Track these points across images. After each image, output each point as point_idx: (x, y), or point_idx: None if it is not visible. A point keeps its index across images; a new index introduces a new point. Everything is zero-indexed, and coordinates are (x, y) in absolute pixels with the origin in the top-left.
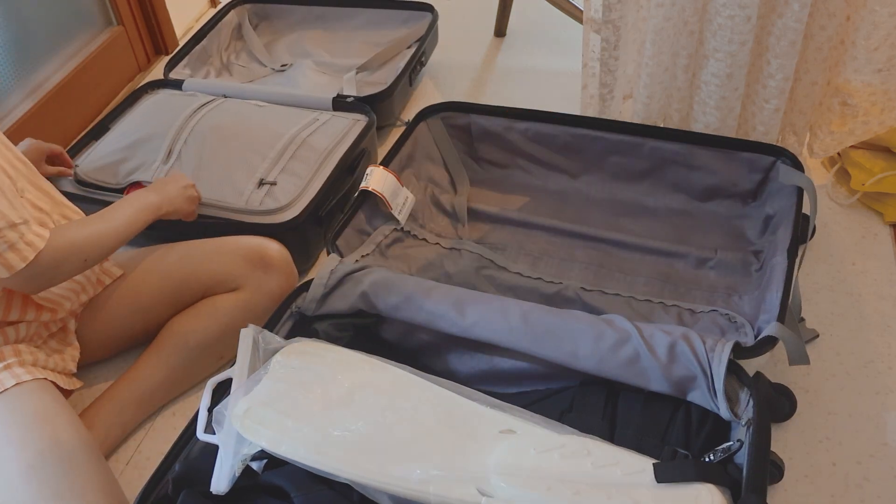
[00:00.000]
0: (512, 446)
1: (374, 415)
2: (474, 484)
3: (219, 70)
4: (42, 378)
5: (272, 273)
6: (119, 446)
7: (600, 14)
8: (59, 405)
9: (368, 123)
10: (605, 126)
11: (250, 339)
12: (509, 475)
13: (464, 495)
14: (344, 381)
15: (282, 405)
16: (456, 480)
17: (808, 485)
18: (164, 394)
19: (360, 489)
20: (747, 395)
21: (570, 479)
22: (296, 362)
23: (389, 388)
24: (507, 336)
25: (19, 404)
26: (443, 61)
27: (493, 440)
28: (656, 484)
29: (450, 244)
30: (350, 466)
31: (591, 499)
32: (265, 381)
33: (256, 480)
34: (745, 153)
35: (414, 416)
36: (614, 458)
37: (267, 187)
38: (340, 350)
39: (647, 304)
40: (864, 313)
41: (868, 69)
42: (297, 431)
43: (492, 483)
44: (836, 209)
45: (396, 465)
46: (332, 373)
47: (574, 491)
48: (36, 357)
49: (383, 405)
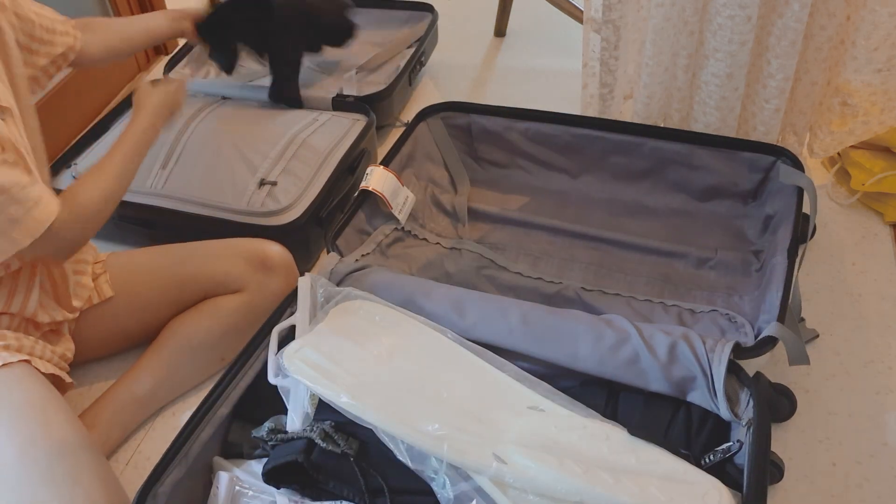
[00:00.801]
0: (535, 421)
1: (408, 373)
2: (492, 449)
3: (218, 70)
4: (27, 360)
5: (273, 275)
6: (119, 447)
7: (600, 14)
8: (48, 391)
9: (368, 123)
10: (605, 126)
11: (308, 285)
12: (525, 445)
13: (480, 457)
14: (387, 339)
15: (328, 350)
16: (474, 443)
17: (808, 485)
18: (164, 394)
19: (380, 434)
20: (747, 396)
21: (584, 458)
22: (349, 316)
23: (429, 350)
24: (507, 337)
25: (6, 389)
26: (443, 61)
27: (518, 414)
28: (667, 477)
29: (450, 244)
30: (375, 412)
31: (598, 478)
32: (319, 327)
33: None
34: (745, 153)
35: (446, 379)
36: (632, 447)
37: (268, 188)
38: (389, 310)
39: (648, 304)
40: (864, 313)
41: (868, 69)
42: (336, 375)
43: (508, 451)
44: (836, 209)
45: (418, 419)
46: (379, 330)
47: (584, 469)
48: (22, 343)
49: (419, 366)
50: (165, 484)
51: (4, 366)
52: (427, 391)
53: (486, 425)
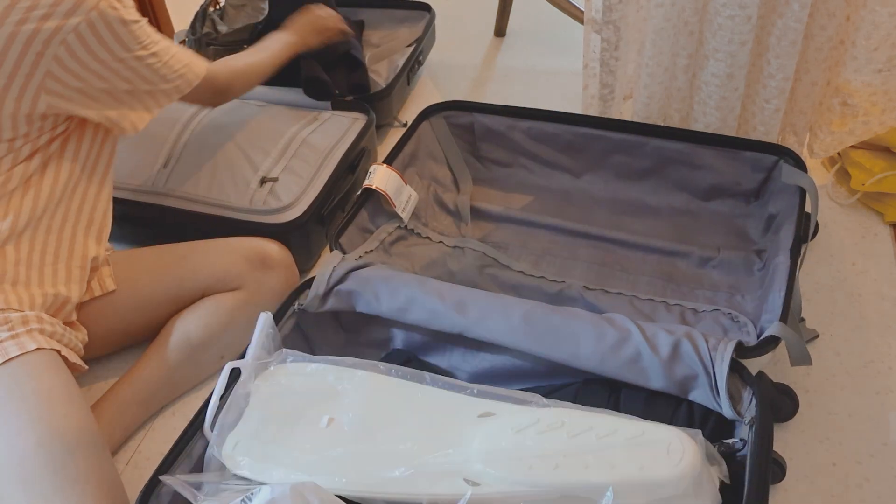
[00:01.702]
0: (491, 430)
1: (355, 428)
2: (460, 474)
3: None
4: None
5: (273, 273)
6: (121, 447)
7: (601, 14)
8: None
9: (368, 122)
10: (607, 125)
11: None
12: (491, 460)
13: (451, 487)
14: (323, 401)
15: (266, 434)
16: (442, 474)
17: (809, 485)
18: (166, 394)
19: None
20: (750, 394)
21: (549, 453)
22: (275, 388)
23: (368, 396)
24: (509, 336)
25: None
26: (442, 61)
27: (473, 426)
28: (630, 443)
29: (453, 242)
30: (340, 483)
31: (570, 469)
32: (248, 412)
33: None
34: (747, 152)
35: (395, 418)
36: (588, 424)
37: (270, 185)
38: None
39: (650, 303)
40: (864, 313)
41: (868, 69)
42: (285, 458)
43: (476, 470)
44: (836, 209)
45: (383, 471)
46: (312, 394)
47: (553, 465)
48: (55, 329)
49: (364, 415)
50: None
51: (38, 350)
52: (379, 439)
53: (447, 450)
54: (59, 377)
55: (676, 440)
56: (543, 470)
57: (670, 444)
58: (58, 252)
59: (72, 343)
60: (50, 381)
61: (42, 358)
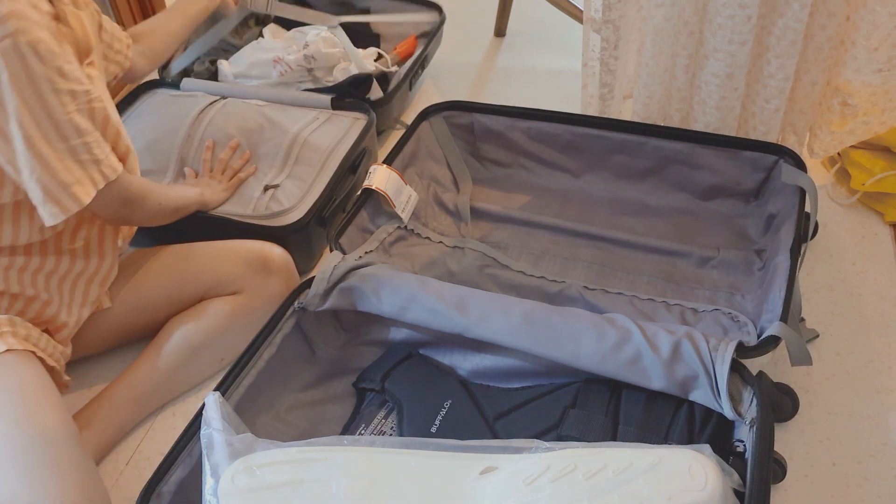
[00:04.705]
0: (499, 486)
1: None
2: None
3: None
4: (31, 351)
5: (273, 277)
6: (117, 446)
7: (600, 14)
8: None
9: (368, 122)
10: (607, 125)
11: None
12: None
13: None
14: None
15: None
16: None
17: (808, 485)
18: (163, 394)
19: None
20: (751, 394)
21: (570, 500)
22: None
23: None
24: (509, 335)
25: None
26: (443, 61)
27: (478, 484)
28: (647, 472)
29: (453, 242)
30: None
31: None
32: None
33: None
34: (747, 152)
35: (394, 493)
36: (601, 462)
37: (272, 191)
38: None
39: (650, 303)
40: (864, 313)
41: (868, 69)
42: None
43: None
44: (836, 209)
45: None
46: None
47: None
48: (29, 332)
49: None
50: (170, 483)
51: (9, 351)
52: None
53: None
54: (31, 374)
55: (696, 463)
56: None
57: (690, 467)
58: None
59: (48, 349)
60: (20, 377)
61: (15, 357)
